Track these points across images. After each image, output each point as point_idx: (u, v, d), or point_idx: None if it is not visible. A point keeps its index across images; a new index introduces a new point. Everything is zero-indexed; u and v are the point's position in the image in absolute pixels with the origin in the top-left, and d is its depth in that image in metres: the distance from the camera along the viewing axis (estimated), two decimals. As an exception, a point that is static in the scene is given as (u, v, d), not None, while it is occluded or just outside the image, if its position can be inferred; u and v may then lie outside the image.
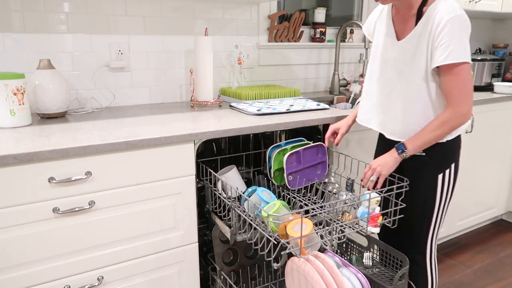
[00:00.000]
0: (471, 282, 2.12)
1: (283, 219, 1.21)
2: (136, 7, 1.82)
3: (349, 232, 1.34)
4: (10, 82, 1.36)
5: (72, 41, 1.72)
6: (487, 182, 2.55)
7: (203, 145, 1.89)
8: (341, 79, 2.46)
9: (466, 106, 1.21)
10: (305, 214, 1.23)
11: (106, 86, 1.83)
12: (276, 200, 1.32)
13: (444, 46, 1.17)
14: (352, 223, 1.35)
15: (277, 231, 1.21)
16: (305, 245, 1.15)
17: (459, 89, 1.19)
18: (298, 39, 2.32)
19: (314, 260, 1.30)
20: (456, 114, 1.22)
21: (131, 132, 1.33)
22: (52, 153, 1.13)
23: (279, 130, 1.67)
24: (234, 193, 1.45)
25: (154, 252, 1.39)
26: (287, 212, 1.26)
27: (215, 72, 2.10)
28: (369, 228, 1.30)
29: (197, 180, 1.45)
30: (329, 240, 1.26)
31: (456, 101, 1.21)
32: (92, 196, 1.24)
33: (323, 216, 1.32)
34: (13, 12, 1.59)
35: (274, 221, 1.22)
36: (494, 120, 2.42)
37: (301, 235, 1.12)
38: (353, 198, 1.40)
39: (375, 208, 1.31)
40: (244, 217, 1.32)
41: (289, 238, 1.13)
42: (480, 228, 2.76)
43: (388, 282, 1.42)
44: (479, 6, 2.51)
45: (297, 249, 1.15)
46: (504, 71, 2.87)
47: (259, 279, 1.69)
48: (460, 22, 1.17)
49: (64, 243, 1.22)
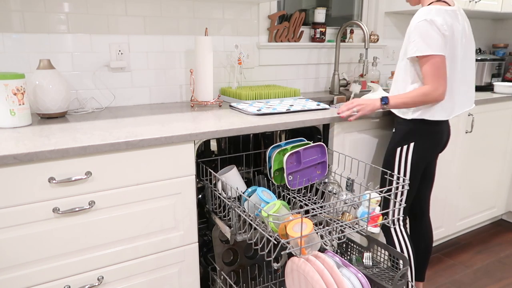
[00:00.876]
0: (471, 282, 2.13)
1: (283, 219, 1.22)
2: (136, 7, 1.82)
3: (349, 232, 1.34)
4: (10, 82, 1.36)
5: (72, 41, 1.72)
6: (487, 182, 2.55)
7: (203, 145, 1.89)
8: (341, 79, 2.46)
9: (441, 88, 1.52)
10: (305, 214, 1.23)
11: (106, 86, 1.83)
12: (276, 200, 1.33)
13: (414, 43, 1.52)
14: (352, 223, 1.36)
15: (277, 231, 1.22)
16: (305, 245, 1.16)
17: (432, 73, 1.50)
18: (298, 39, 2.33)
19: (314, 260, 1.30)
20: (433, 91, 1.52)
21: (131, 132, 1.33)
22: (52, 153, 1.13)
23: (279, 130, 1.67)
24: (234, 193, 1.45)
25: (154, 252, 1.39)
26: (287, 212, 1.26)
27: (215, 72, 2.10)
28: (369, 228, 1.34)
29: (197, 180, 1.45)
30: (329, 240, 1.27)
31: (432, 82, 1.51)
32: (92, 196, 1.24)
33: (323, 216, 1.32)
34: (13, 12, 1.59)
35: (274, 221, 1.23)
36: (494, 120, 2.42)
37: (301, 235, 1.12)
38: (353, 198, 1.41)
39: (375, 208, 1.33)
40: (244, 217, 1.32)
41: (289, 238, 1.14)
42: (480, 228, 2.76)
43: (388, 282, 1.42)
44: (479, 6, 2.51)
45: (297, 249, 1.16)
46: (504, 71, 2.87)
47: (259, 279, 1.69)
48: (426, 25, 1.49)
49: (64, 243, 1.22)
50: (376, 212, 1.32)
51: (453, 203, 2.38)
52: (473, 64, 1.69)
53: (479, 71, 2.64)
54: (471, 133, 2.30)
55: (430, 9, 1.51)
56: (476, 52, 2.79)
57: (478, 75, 2.65)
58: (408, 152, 1.65)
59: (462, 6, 2.41)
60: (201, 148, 1.83)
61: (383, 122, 1.84)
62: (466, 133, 2.28)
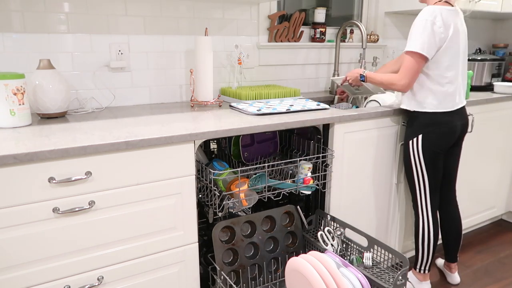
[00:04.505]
0: (471, 282, 2.13)
1: (229, 180, 1.58)
2: (136, 7, 1.82)
3: (274, 183, 1.60)
4: (10, 82, 1.36)
5: (72, 41, 1.72)
6: (487, 182, 2.55)
7: (204, 145, 1.89)
8: (341, 79, 2.46)
9: (404, 81, 1.66)
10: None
11: (106, 86, 1.83)
12: (228, 168, 1.63)
13: (409, 39, 1.65)
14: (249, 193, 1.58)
15: (224, 190, 1.57)
16: (245, 197, 1.53)
17: (405, 66, 1.65)
18: (298, 39, 2.33)
19: (314, 260, 1.30)
20: (397, 81, 1.67)
21: (131, 132, 1.33)
22: (52, 153, 1.13)
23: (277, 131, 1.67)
24: None
25: (154, 252, 1.39)
26: (231, 175, 1.59)
27: (215, 72, 2.10)
28: (301, 189, 1.66)
29: (197, 180, 1.45)
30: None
31: (400, 74, 1.67)
32: (92, 196, 1.24)
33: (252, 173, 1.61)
34: (13, 12, 1.59)
35: (221, 178, 1.57)
36: (494, 120, 2.42)
37: (239, 189, 1.52)
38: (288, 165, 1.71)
39: (307, 174, 1.66)
40: (205, 183, 1.58)
41: (234, 193, 1.52)
42: (480, 228, 2.76)
43: (388, 282, 1.42)
44: (479, 6, 2.51)
45: (238, 200, 1.53)
46: (504, 71, 2.86)
47: (259, 279, 1.69)
48: (423, 25, 1.61)
49: (64, 243, 1.22)
50: (308, 176, 1.66)
51: (453, 203, 2.38)
52: (466, 62, 1.80)
53: (479, 71, 2.64)
54: (471, 133, 2.30)
55: (434, 9, 1.62)
56: (476, 52, 2.78)
57: (478, 75, 2.65)
58: (418, 143, 1.76)
59: (462, 6, 2.41)
60: (202, 148, 1.83)
61: (383, 122, 1.84)
62: (466, 133, 2.28)
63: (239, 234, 1.62)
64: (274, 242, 1.73)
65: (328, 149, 1.71)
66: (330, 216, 1.72)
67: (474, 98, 2.26)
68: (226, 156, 1.90)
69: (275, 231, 1.70)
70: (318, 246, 1.68)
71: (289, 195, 1.90)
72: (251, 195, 1.55)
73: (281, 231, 1.72)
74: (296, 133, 1.91)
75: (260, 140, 1.85)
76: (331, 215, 1.74)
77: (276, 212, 1.71)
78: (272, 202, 1.91)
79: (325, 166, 1.72)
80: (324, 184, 1.75)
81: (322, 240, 1.66)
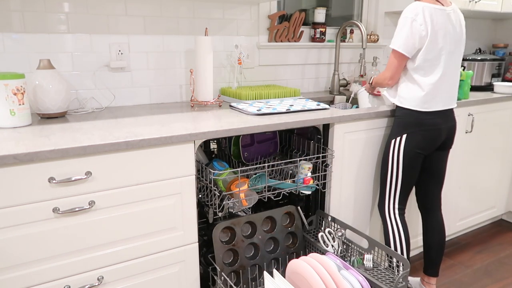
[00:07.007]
0: (471, 282, 2.12)
1: (229, 180, 1.59)
2: (136, 7, 1.82)
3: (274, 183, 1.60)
4: (10, 82, 1.35)
5: (72, 41, 1.72)
6: (487, 182, 2.55)
7: (204, 145, 1.89)
8: (341, 79, 2.46)
9: (388, 74, 1.71)
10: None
11: (106, 86, 1.83)
12: (228, 168, 1.63)
13: (394, 36, 1.68)
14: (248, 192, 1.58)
15: (224, 190, 1.57)
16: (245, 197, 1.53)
17: (388, 63, 1.72)
18: (298, 39, 2.32)
19: (315, 262, 1.30)
20: (384, 75, 1.74)
21: (131, 132, 1.33)
22: (52, 153, 1.13)
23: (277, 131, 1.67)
24: None
25: (154, 252, 1.39)
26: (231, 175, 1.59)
27: (215, 72, 2.09)
28: (301, 189, 1.66)
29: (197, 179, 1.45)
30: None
31: (386, 69, 1.73)
32: (92, 196, 1.24)
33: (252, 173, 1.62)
34: (13, 12, 1.59)
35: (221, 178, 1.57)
36: (494, 120, 2.42)
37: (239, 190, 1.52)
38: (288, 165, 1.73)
39: (307, 174, 1.65)
40: (205, 183, 1.57)
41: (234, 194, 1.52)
42: (480, 228, 2.76)
43: (389, 284, 1.42)
44: (479, 6, 2.51)
45: (238, 200, 1.52)
46: (504, 71, 2.87)
47: (259, 280, 1.69)
48: (405, 22, 1.63)
49: (64, 243, 1.22)
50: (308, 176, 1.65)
51: (453, 203, 2.38)
52: (459, 65, 1.75)
53: (479, 71, 2.64)
54: (471, 133, 2.30)
55: (416, 6, 1.62)
56: (476, 52, 2.78)
57: (478, 75, 2.65)
58: (401, 143, 1.73)
59: (462, 6, 2.41)
60: (202, 148, 1.83)
61: (383, 122, 1.84)
62: (466, 133, 2.28)
63: (239, 235, 1.62)
64: (275, 243, 1.72)
65: (328, 149, 1.71)
66: (330, 216, 1.72)
67: (474, 98, 2.26)
68: (226, 156, 1.90)
69: (275, 231, 1.70)
70: (318, 247, 1.67)
71: (289, 195, 1.89)
72: (251, 195, 1.55)
73: (282, 231, 1.72)
74: (296, 133, 1.91)
75: (260, 140, 1.85)
76: (332, 215, 1.74)
77: (277, 213, 1.71)
78: (272, 202, 1.91)
79: (325, 166, 1.72)
80: (324, 184, 1.75)
81: (322, 241, 1.66)
